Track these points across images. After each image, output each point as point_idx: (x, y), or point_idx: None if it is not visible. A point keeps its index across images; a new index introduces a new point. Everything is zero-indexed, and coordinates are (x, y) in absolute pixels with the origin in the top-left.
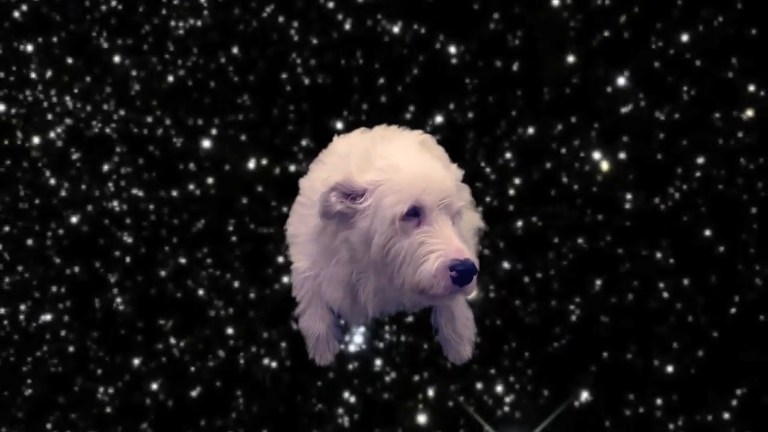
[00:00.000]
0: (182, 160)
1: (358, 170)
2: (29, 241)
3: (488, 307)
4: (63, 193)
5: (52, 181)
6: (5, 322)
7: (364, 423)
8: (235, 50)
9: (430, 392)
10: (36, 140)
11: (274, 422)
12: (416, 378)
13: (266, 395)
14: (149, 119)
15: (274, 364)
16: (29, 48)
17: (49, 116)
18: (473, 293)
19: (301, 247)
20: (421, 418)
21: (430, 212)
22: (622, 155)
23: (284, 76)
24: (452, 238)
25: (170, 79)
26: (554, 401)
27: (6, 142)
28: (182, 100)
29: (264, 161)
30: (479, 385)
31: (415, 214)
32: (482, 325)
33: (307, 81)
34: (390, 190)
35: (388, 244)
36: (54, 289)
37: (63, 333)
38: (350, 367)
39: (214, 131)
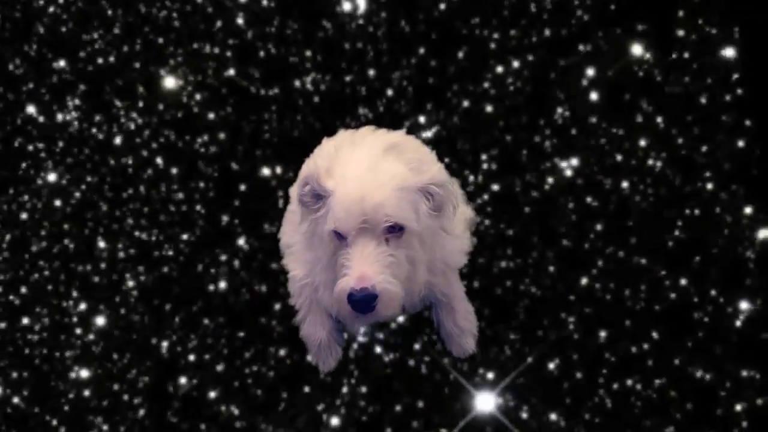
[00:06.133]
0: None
1: (326, 172)
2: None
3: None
4: (77, 195)
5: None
6: (45, 310)
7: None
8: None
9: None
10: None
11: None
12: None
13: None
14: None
15: (282, 352)
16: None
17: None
18: (398, 316)
19: (296, 256)
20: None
21: (348, 235)
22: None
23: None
24: (360, 263)
25: (196, 97)
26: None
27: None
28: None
29: (278, 169)
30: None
31: (341, 235)
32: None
33: (316, 98)
34: (334, 204)
35: (331, 258)
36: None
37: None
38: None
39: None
